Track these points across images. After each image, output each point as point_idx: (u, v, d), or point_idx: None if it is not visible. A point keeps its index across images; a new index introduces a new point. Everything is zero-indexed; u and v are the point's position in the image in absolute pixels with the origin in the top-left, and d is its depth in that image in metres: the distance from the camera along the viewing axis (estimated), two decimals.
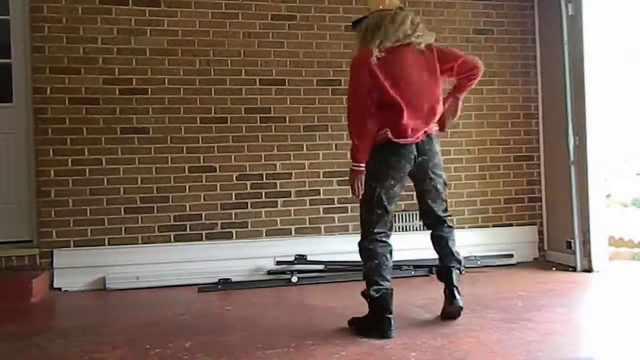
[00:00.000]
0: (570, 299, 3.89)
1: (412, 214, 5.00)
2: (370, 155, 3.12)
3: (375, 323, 3.02)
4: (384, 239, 3.14)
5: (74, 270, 4.47)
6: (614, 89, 5.61)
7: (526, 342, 2.84)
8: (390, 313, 3.02)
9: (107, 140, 4.61)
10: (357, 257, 4.76)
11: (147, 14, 4.69)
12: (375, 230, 3.12)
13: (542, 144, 5.36)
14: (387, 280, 3.09)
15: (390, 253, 3.16)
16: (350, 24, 3.39)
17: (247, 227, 4.82)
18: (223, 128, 4.79)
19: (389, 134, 3.06)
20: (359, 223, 4.85)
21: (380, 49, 3.05)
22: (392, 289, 3.09)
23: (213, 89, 4.78)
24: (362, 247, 3.16)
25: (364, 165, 3.12)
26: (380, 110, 3.09)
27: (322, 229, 4.93)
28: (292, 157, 4.90)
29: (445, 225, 3.30)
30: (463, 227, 5.17)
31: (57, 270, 4.47)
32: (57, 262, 4.48)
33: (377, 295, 3.04)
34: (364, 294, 3.09)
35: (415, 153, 3.11)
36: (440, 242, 3.31)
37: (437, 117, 3.19)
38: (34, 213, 4.59)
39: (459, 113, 3.36)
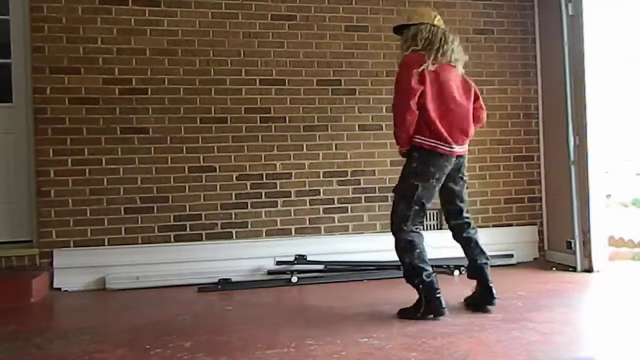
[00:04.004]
0: (570, 299, 3.89)
1: None
2: (415, 156, 3.36)
3: (429, 305, 3.29)
4: (419, 230, 3.42)
5: (74, 270, 4.47)
6: (614, 89, 5.60)
7: (526, 342, 2.84)
8: (440, 292, 3.31)
9: (107, 140, 4.61)
10: (356, 257, 4.81)
11: (146, 14, 4.69)
12: (412, 224, 3.37)
13: (542, 144, 5.36)
14: (429, 265, 3.37)
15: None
16: (392, 28, 3.64)
17: (247, 227, 4.82)
18: (223, 128, 4.79)
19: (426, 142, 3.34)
20: (359, 223, 4.88)
21: (434, 63, 3.32)
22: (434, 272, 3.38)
23: (213, 89, 4.78)
24: (403, 239, 3.36)
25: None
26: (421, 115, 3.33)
27: (322, 229, 4.93)
28: (292, 157, 4.90)
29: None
30: None
31: (57, 270, 4.47)
32: (57, 262, 4.48)
33: (429, 280, 3.30)
34: (414, 283, 3.34)
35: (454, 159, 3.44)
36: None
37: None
38: (34, 213, 4.59)
39: None
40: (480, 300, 3.51)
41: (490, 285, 3.50)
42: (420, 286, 3.32)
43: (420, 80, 3.28)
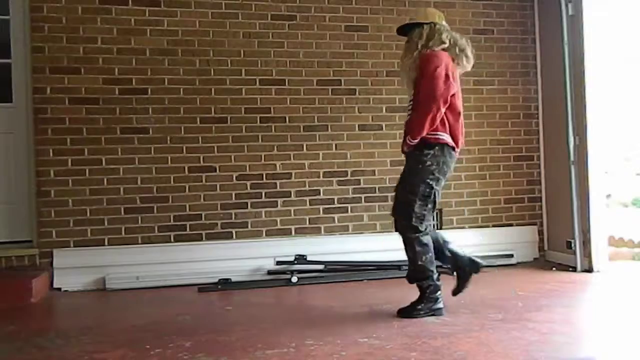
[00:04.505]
0: (570, 299, 3.89)
1: None
2: (431, 153, 3.33)
3: (431, 304, 3.35)
4: (429, 231, 3.43)
5: (74, 270, 4.47)
6: (614, 89, 5.61)
7: (526, 342, 2.84)
8: (441, 293, 3.39)
9: (107, 140, 4.61)
10: (356, 257, 4.81)
11: (147, 14, 4.69)
12: (426, 224, 3.37)
13: (542, 144, 5.36)
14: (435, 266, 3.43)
15: None
16: (398, 28, 3.59)
17: (247, 227, 4.82)
18: (223, 128, 4.79)
19: (449, 140, 3.36)
20: (359, 223, 4.89)
21: (459, 65, 3.43)
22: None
23: (213, 89, 4.78)
24: (419, 241, 3.35)
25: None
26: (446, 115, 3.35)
27: (322, 229, 4.93)
28: (292, 157, 4.90)
29: None
30: (463, 227, 5.18)
31: (57, 270, 4.47)
32: (57, 262, 4.48)
33: (438, 282, 3.37)
34: (422, 284, 3.36)
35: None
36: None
37: None
38: (34, 213, 4.59)
39: None
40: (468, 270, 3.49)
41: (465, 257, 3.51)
42: (430, 287, 3.35)
43: (453, 78, 3.32)
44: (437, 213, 5.15)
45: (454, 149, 3.39)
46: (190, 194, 4.73)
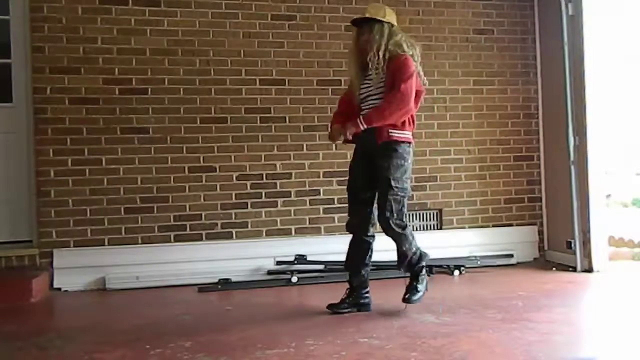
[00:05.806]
0: (570, 299, 3.89)
1: (412, 215, 5.02)
2: (408, 151, 3.45)
3: (425, 282, 3.52)
4: None
5: (74, 270, 4.47)
6: (614, 89, 5.60)
7: (526, 342, 2.84)
8: None
9: (107, 140, 4.61)
10: None
11: (147, 14, 4.69)
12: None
13: (542, 144, 5.36)
14: None
15: None
16: (351, 21, 3.68)
17: (247, 227, 4.82)
18: (223, 128, 4.79)
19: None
20: None
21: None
22: None
23: (213, 89, 4.78)
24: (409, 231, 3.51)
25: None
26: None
27: (322, 229, 4.93)
28: (292, 157, 4.90)
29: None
30: (463, 227, 5.18)
31: (57, 270, 4.47)
32: (57, 262, 4.48)
33: (428, 256, 3.57)
34: (420, 266, 3.50)
35: None
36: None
37: None
38: (34, 213, 4.58)
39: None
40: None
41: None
42: (425, 265, 3.53)
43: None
44: (437, 213, 5.16)
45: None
46: (190, 194, 4.73)
